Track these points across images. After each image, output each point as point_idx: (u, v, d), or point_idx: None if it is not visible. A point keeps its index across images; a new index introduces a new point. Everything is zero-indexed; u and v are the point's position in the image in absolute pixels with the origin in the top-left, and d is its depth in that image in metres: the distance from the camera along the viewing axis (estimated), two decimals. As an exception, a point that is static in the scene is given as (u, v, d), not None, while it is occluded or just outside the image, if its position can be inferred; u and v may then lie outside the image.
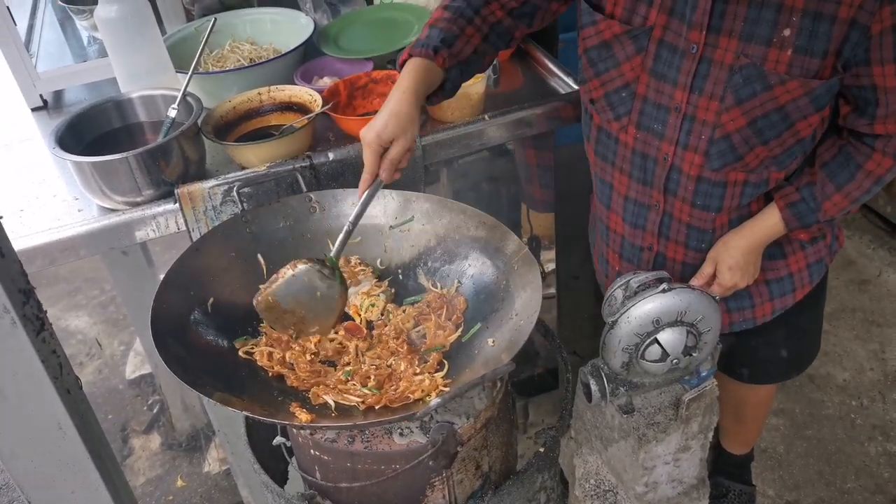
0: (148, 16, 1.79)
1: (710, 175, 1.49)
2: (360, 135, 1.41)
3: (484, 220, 1.53)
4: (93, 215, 1.66)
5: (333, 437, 1.34)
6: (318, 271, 1.38)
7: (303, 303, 1.39)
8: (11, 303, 0.83)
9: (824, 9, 1.27)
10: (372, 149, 1.39)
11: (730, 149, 1.44)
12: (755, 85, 1.36)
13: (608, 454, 1.68)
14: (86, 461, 0.98)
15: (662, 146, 1.51)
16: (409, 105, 1.41)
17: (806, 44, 1.30)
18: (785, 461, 2.47)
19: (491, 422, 1.39)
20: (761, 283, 1.67)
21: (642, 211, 1.62)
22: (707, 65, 1.39)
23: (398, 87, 1.43)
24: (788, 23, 1.30)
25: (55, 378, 0.91)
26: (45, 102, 2.07)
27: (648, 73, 1.47)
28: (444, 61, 1.47)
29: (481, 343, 1.40)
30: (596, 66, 1.54)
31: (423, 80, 1.44)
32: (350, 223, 1.41)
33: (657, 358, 1.48)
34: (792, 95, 1.36)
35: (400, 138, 1.39)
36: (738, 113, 1.39)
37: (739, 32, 1.34)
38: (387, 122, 1.39)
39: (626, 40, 1.47)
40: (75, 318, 3.26)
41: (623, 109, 1.54)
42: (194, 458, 2.63)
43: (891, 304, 2.99)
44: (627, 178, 1.60)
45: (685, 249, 1.62)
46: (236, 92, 1.84)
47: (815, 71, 1.32)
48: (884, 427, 2.54)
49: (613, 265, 1.77)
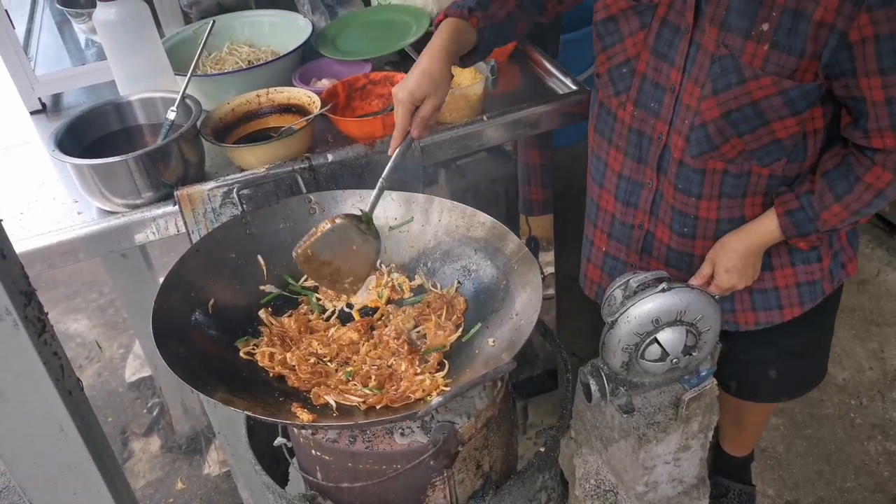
0: (147, 18, 1.79)
1: (689, 161, 1.50)
2: (392, 92, 1.44)
3: (483, 221, 1.54)
4: (92, 218, 1.66)
5: (335, 437, 1.34)
6: (355, 226, 1.42)
7: (339, 255, 1.43)
8: (13, 304, 0.83)
9: (804, 7, 1.27)
10: (404, 106, 1.42)
11: (706, 137, 1.45)
12: (731, 76, 1.37)
13: (608, 454, 1.68)
14: (87, 463, 0.98)
15: (657, 125, 1.52)
16: (441, 63, 1.44)
17: (784, 40, 1.30)
18: (785, 460, 2.47)
19: (492, 421, 1.39)
20: (744, 290, 1.65)
21: (635, 189, 1.63)
22: (696, 49, 1.41)
23: (431, 45, 1.46)
24: (768, 17, 1.30)
25: (57, 380, 0.91)
26: (43, 106, 2.08)
27: (649, 51, 1.49)
28: (477, 21, 1.50)
29: (481, 343, 1.40)
30: (603, 39, 1.57)
31: (455, 39, 1.47)
32: (383, 179, 1.44)
33: (657, 357, 1.48)
34: (765, 92, 1.35)
35: (431, 96, 1.42)
36: (714, 103, 1.40)
37: (721, 21, 1.35)
38: (419, 80, 1.41)
39: (632, 15, 1.49)
40: (74, 321, 3.26)
41: (623, 86, 1.56)
42: (194, 460, 2.63)
43: (889, 303, 2.99)
44: (622, 156, 1.62)
45: (670, 232, 1.62)
46: (235, 94, 1.84)
47: (791, 70, 1.32)
48: (883, 426, 2.55)
49: (600, 246, 1.78)
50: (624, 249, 1.74)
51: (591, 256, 1.82)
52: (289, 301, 1.53)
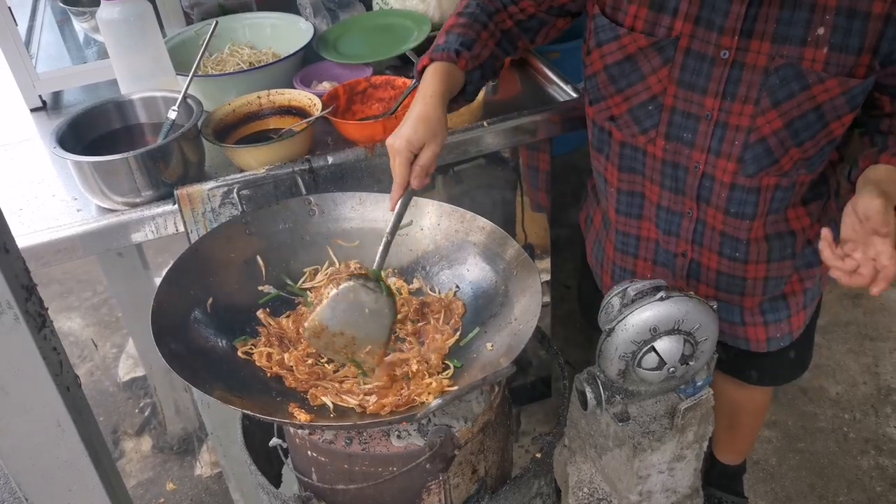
0: (150, 18, 1.79)
1: (744, 181, 1.48)
2: (388, 144, 1.36)
3: (483, 226, 1.54)
4: (91, 215, 1.66)
5: (331, 439, 1.33)
6: (363, 286, 1.34)
7: (351, 322, 1.34)
8: (14, 298, 0.84)
9: (858, 5, 1.28)
10: (402, 156, 1.34)
11: (765, 152, 1.44)
12: (793, 84, 1.36)
13: (602, 462, 1.68)
14: (84, 459, 0.98)
15: (693, 154, 1.50)
16: (437, 108, 1.38)
17: (841, 41, 1.31)
18: (777, 474, 2.47)
19: (488, 426, 1.39)
20: (799, 291, 1.66)
21: (675, 218, 1.61)
22: (739, 69, 1.39)
23: (423, 91, 1.41)
24: (822, 21, 1.31)
25: (55, 375, 0.91)
26: (44, 103, 2.07)
27: (676, 84, 1.46)
28: (466, 63, 1.47)
29: (480, 347, 1.40)
30: (618, 82, 1.53)
31: (446, 82, 1.43)
32: (388, 234, 1.37)
33: (654, 366, 1.48)
34: (830, 94, 1.36)
35: (430, 143, 1.35)
36: (775, 115, 1.39)
37: (772, 34, 1.35)
38: (416, 127, 1.35)
39: (652, 52, 1.46)
40: (67, 319, 3.25)
41: (650, 123, 1.53)
42: (186, 461, 2.62)
43: (884, 317, 3.00)
44: (659, 188, 1.59)
45: (719, 258, 1.61)
46: (236, 95, 1.84)
47: (850, 67, 1.33)
48: (876, 441, 2.55)
49: (644, 274, 1.76)
50: (670, 275, 1.73)
51: None
52: (287, 302, 1.53)
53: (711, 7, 1.38)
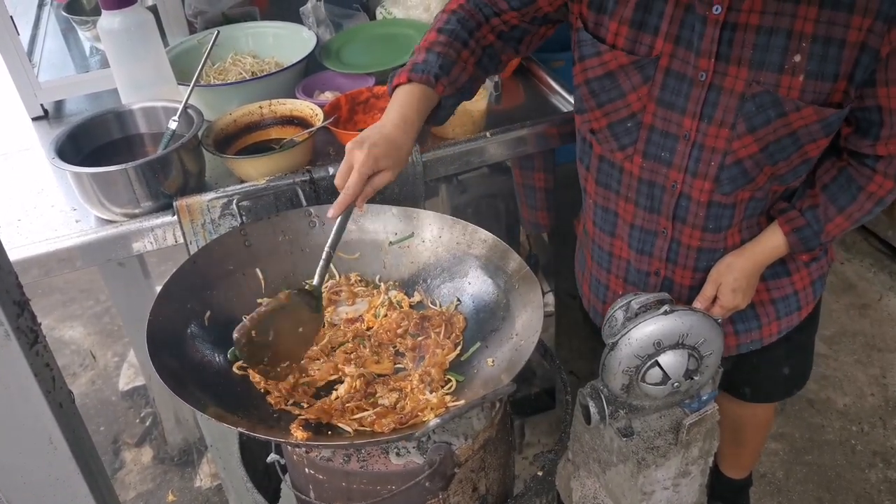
0: (151, 27, 1.78)
1: (720, 199, 1.48)
2: (349, 151, 1.33)
3: (484, 238, 1.52)
4: (90, 226, 1.65)
5: (329, 456, 1.32)
6: (307, 303, 1.34)
7: (282, 335, 1.32)
8: (5, 315, 0.82)
9: (834, 33, 1.27)
10: (363, 172, 1.32)
11: (741, 174, 1.43)
12: (769, 112, 1.35)
13: (606, 478, 1.66)
14: (76, 476, 0.97)
15: (671, 174, 1.49)
16: (409, 138, 1.38)
17: (817, 68, 1.30)
18: (784, 487, 2.45)
19: (489, 443, 1.37)
20: (768, 302, 1.66)
21: (648, 237, 1.60)
22: (717, 92, 1.38)
23: (402, 115, 1.39)
24: (798, 49, 1.29)
25: (48, 392, 0.89)
26: (45, 112, 2.06)
27: (655, 103, 1.45)
28: (444, 89, 1.45)
29: (480, 362, 1.38)
30: (598, 96, 1.51)
31: (421, 108, 1.42)
32: (329, 247, 1.36)
33: (658, 381, 1.46)
34: (805, 122, 1.35)
35: (391, 170, 1.35)
36: (751, 140, 1.38)
37: (749, 60, 1.33)
38: (387, 149, 1.33)
39: (632, 70, 1.44)
40: (69, 328, 3.24)
41: (628, 140, 1.51)
42: (186, 472, 2.61)
43: (892, 328, 2.98)
44: (633, 207, 1.58)
45: (692, 273, 1.60)
46: (237, 105, 1.83)
47: (826, 95, 1.32)
48: (884, 453, 2.52)
49: (616, 290, 1.75)
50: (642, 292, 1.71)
51: (606, 299, 1.79)
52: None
53: (691, 28, 1.37)
